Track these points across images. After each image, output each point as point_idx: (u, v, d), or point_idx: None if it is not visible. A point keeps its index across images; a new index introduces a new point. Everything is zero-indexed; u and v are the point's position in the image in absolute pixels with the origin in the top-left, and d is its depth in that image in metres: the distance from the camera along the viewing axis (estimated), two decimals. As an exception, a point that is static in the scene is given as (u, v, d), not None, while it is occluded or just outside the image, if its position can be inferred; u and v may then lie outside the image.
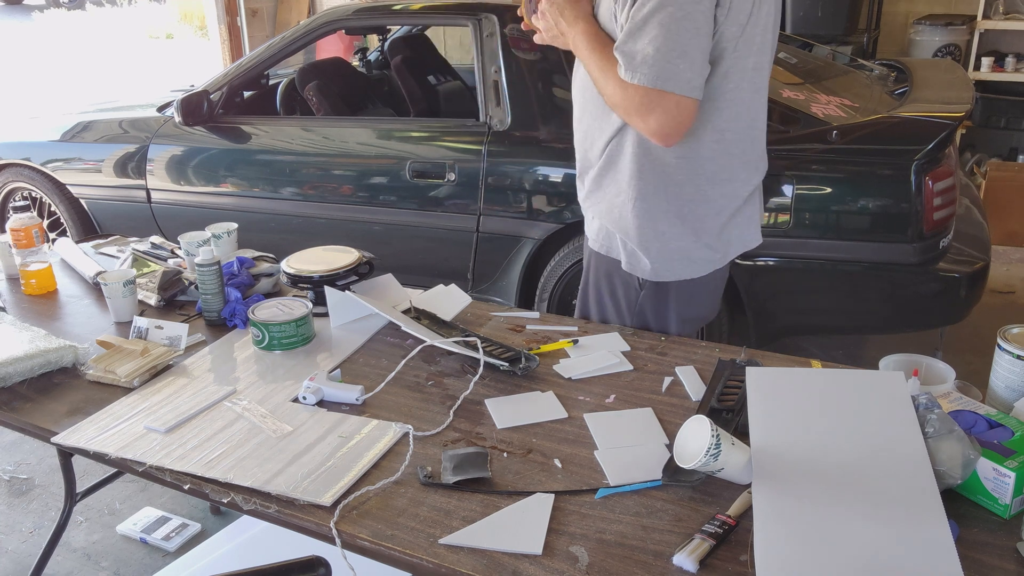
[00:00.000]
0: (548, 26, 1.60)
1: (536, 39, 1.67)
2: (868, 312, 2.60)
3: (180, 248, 2.07)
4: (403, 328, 1.66)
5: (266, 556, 1.29)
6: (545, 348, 1.63)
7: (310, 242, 1.99)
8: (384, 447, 1.32)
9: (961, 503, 1.14)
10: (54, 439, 1.42)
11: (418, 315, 1.75)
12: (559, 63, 2.77)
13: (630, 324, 1.74)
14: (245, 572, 1.17)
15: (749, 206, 1.64)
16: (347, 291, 1.76)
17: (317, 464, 1.29)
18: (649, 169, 1.55)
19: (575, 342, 1.65)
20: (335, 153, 3.08)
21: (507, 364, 1.53)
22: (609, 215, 1.64)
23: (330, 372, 1.54)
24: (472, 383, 1.50)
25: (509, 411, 1.43)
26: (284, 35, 3.22)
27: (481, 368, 1.53)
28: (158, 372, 1.60)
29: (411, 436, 1.34)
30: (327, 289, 1.75)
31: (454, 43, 5.82)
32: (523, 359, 1.55)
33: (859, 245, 2.45)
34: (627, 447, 1.31)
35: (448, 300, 1.83)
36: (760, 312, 2.65)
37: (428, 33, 4.29)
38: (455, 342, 1.61)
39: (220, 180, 3.24)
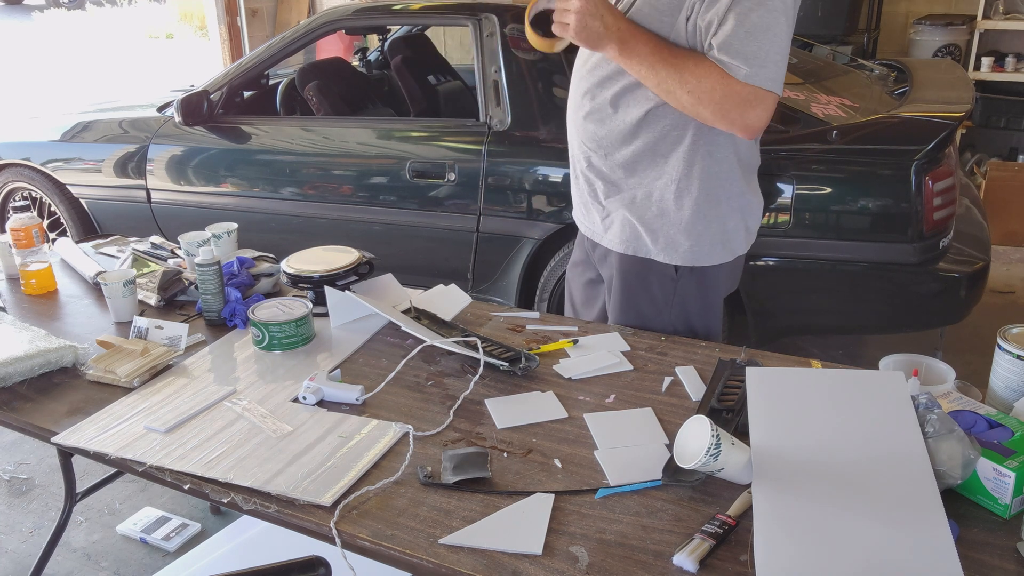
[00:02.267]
0: (583, 10, 1.47)
1: (556, 29, 1.52)
2: (868, 312, 2.60)
3: (180, 248, 2.07)
4: (403, 328, 1.66)
5: (266, 556, 1.29)
6: (545, 348, 1.63)
7: (310, 242, 1.99)
8: (384, 447, 1.32)
9: (961, 503, 1.14)
10: (54, 439, 1.42)
11: (418, 315, 1.75)
12: (559, 63, 2.77)
13: (670, 319, 1.71)
14: (245, 572, 1.17)
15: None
16: (347, 291, 1.76)
17: (317, 464, 1.29)
18: (706, 154, 1.60)
19: (575, 342, 1.65)
20: (335, 153, 3.08)
21: (507, 364, 1.53)
22: (634, 205, 1.64)
23: (330, 372, 1.54)
24: (472, 383, 1.50)
25: (509, 411, 1.43)
26: (284, 35, 3.22)
27: (481, 368, 1.53)
28: (158, 372, 1.60)
29: (411, 436, 1.34)
30: (327, 289, 1.75)
31: (454, 43, 5.82)
32: (523, 359, 1.55)
33: (859, 245, 2.45)
34: (627, 447, 1.31)
35: (448, 300, 1.83)
36: (760, 312, 2.65)
37: (428, 33, 4.29)
38: (455, 342, 1.61)
39: (220, 180, 3.24)
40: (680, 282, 1.69)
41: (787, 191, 2.47)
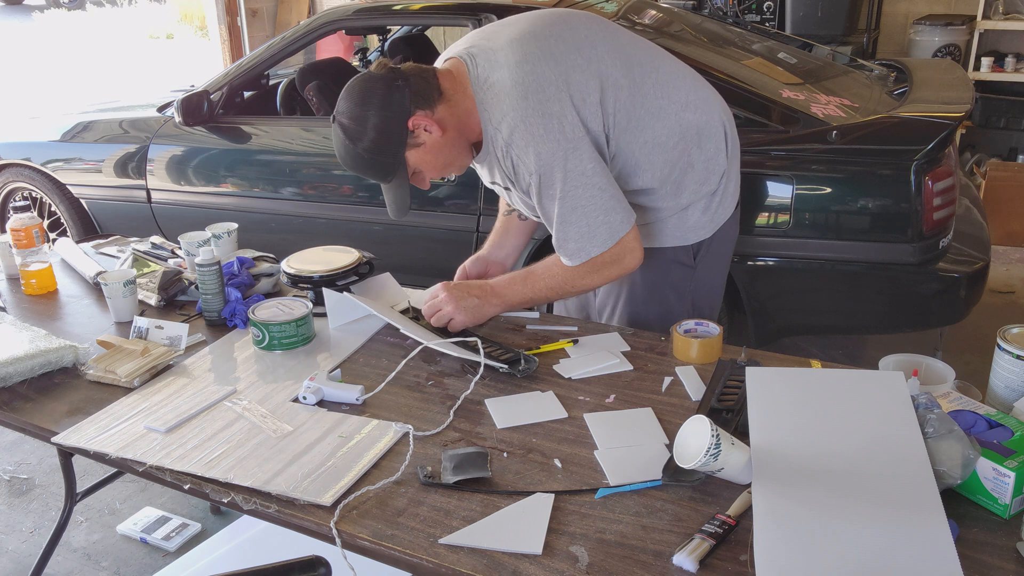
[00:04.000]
0: (456, 314, 1.64)
1: (448, 326, 1.67)
2: (868, 312, 2.60)
3: (180, 248, 2.07)
4: (402, 331, 1.66)
5: (266, 556, 1.29)
6: (545, 348, 1.63)
7: (310, 242, 1.99)
8: (384, 447, 1.33)
9: (961, 503, 1.14)
10: (54, 439, 1.42)
11: (416, 315, 1.75)
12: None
13: (689, 300, 1.79)
14: (245, 572, 1.17)
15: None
16: (345, 292, 1.76)
17: (317, 464, 1.29)
18: (693, 179, 1.71)
19: (575, 342, 1.65)
20: (335, 153, 3.08)
21: (506, 366, 1.53)
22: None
23: (330, 372, 1.54)
24: (472, 383, 1.50)
25: (509, 411, 1.43)
26: (284, 35, 3.22)
27: (481, 369, 1.53)
28: (158, 372, 1.60)
29: (411, 436, 1.34)
30: (325, 291, 1.75)
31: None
32: (522, 360, 1.55)
33: (859, 245, 2.45)
34: (627, 447, 1.31)
35: None
36: (760, 312, 2.65)
37: (428, 33, 4.29)
38: (455, 343, 1.61)
39: (220, 180, 3.24)
40: (698, 258, 1.77)
41: (787, 191, 2.47)
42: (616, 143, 1.61)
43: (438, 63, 1.67)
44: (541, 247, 2.82)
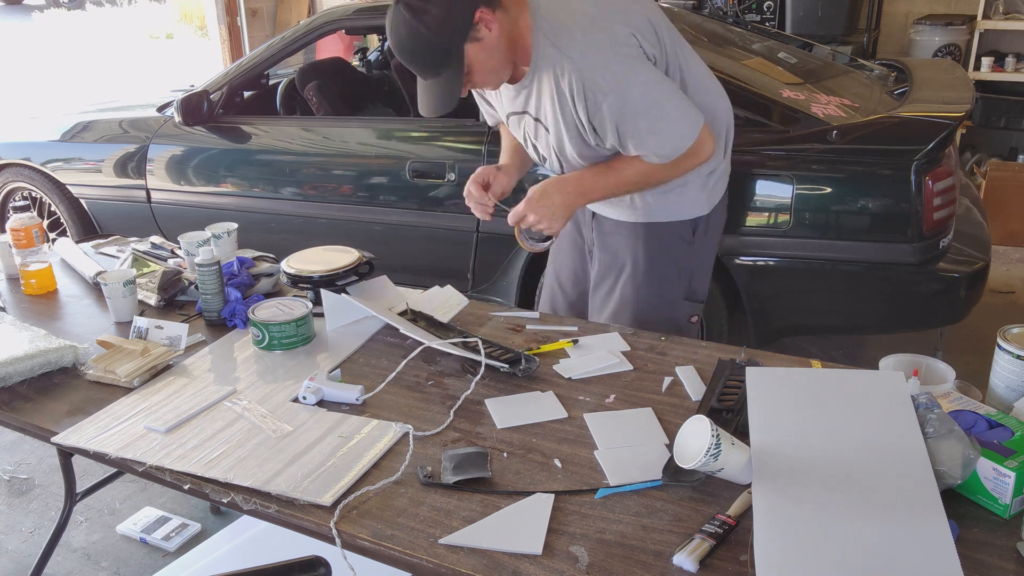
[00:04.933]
0: (538, 210, 1.71)
1: (547, 232, 1.75)
2: (868, 312, 2.60)
3: (180, 248, 2.07)
4: (401, 331, 1.66)
5: (266, 556, 1.29)
6: (545, 348, 1.63)
7: (310, 242, 1.99)
8: (384, 447, 1.32)
9: (961, 503, 1.14)
10: (54, 439, 1.42)
11: (414, 317, 1.75)
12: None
13: (688, 277, 1.88)
14: (245, 572, 1.17)
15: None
16: (343, 293, 1.76)
17: (317, 464, 1.29)
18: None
19: (575, 342, 1.65)
20: (335, 153, 3.08)
21: (507, 366, 1.53)
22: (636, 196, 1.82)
23: (330, 372, 1.54)
24: (473, 383, 1.50)
25: (509, 411, 1.43)
26: (284, 35, 3.22)
27: (482, 369, 1.53)
28: (158, 372, 1.60)
29: (411, 436, 1.34)
30: (323, 292, 1.75)
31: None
32: (523, 360, 1.55)
33: (859, 245, 2.45)
34: (627, 447, 1.31)
35: (445, 302, 1.83)
36: (760, 312, 2.65)
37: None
38: (455, 343, 1.61)
39: (220, 180, 3.24)
40: (697, 233, 1.85)
41: (787, 191, 2.47)
42: None
43: None
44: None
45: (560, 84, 1.61)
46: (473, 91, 1.89)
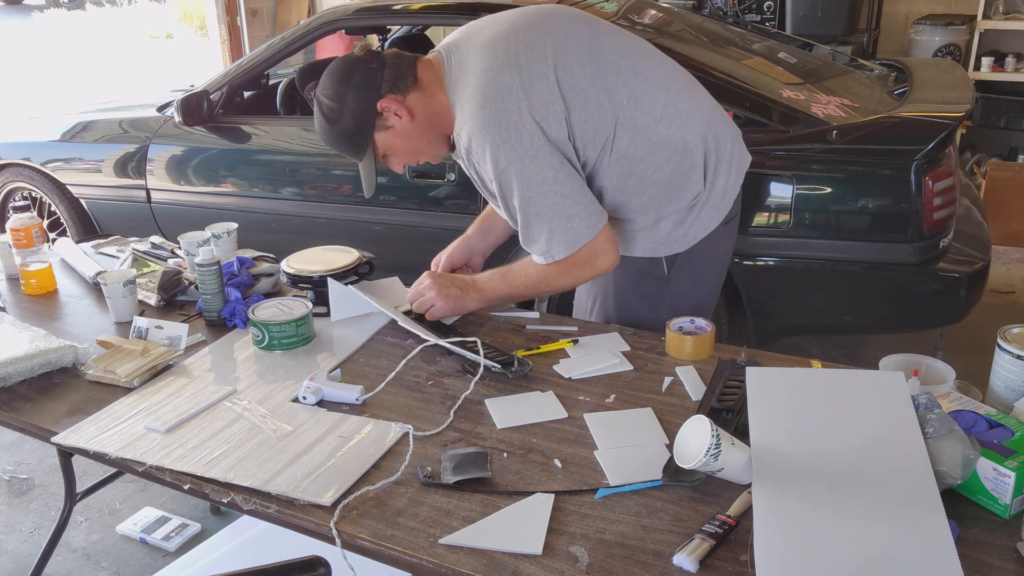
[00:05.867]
0: (438, 300, 1.69)
1: (427, 315, 1.71)
2: (868, 312, 2.60)
3: (180, 248, 2.07)
4: (403, 326, 1.67)
5: (266, 556, 1.29)
6: (545, 348, 1.63)
7: (310, 242, 1.99)
8: (384, 447, 1.32)
9: (961, 503, 1.14)
10: (54, 439, 1.42)
11: (419, 317, 1.75)
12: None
13: (664, 312, 1.70)
14: (245, 572, 1.17)
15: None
16: (349, 285, 1.77)
17: (317, 464, 1.29)
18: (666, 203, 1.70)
19: (575, 342, 1.65)
20: (335, 153, 3.06)
21: (499, 366, 1.53)
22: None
23: (330, 372, 1.54)
24: (473, 383, 1.50)
25: (509, 411, 1.43)
26: (284, 35, 3.22)
27: (481, 369, 1.53)
28: (158, 372, 1.60)
29: (411, 436, 1.34)
30: (330, 282, 1.75)
31: (454, 43, 5.80)
32: (515, 363, 1.54)
33: (859, 245, 2.45)
34: (627, 447, 1.31)
35: None
36: (760, 312, 2.65)
37: (428, 33, 4.28)
38: (455, 342, 1.61)
39: (220, 180, 3.24)
40: (672, 272, 1.75)
41: (787, 191, 2.47)
42: (584, 153, 1.60)
43: (430, 53, 1.70)
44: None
45: (464, 162, 1.64)
46: None
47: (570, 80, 1.54)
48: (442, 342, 1.60)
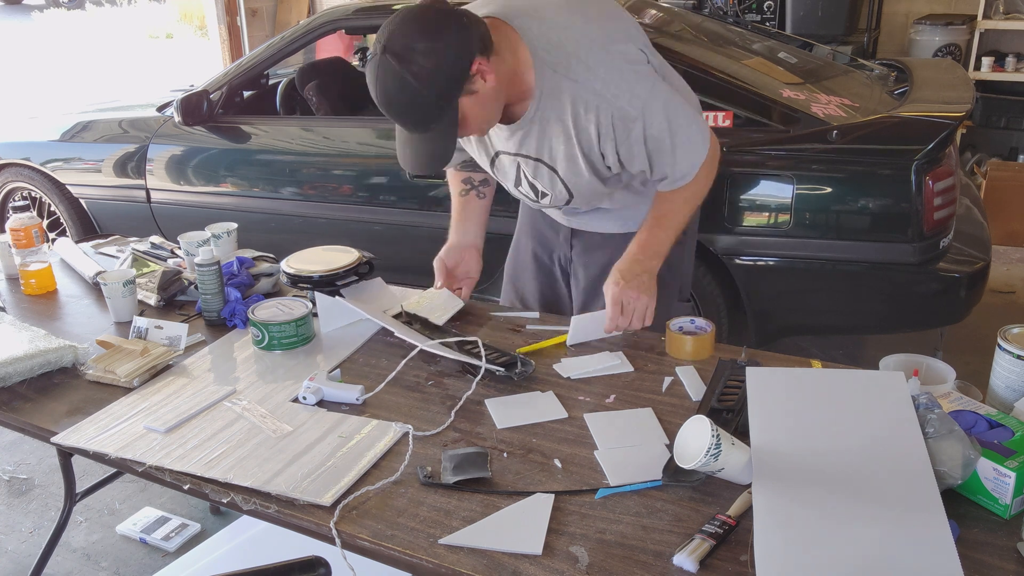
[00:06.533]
0: (645, 298, 1.62)
1: (647, 321, 1.64)
2: (868, 312, 2.60)
3: (180, 248, 2.07)
4: (397, 334, 1.66)
5: (266, 556, 1.29)
6: (540, 345, 1.63)
7: (310, 242, 1.99)
8: (384, 447, 1.32)
9: (961, 503, 1.14)
10: (54, 439, 1.41)
11: (409, 320, 1.75)
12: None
13: (679, 274, 1.86)
14: (245, 572, 1.17)
15: None
16: (337, 296, 1.75)
17: (317, 464, 1.29)
18: None
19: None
20: (335, 153, 3.08)
21: (503, 369, 1.52)
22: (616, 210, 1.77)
23: (330, 372, 1.54)
24: (474, 383, 1.50)
25: (509, 411, 1.43)
26: (284, 35, 3.22)
27: (482, 370, 1.52)
28: (158, 372, 1.60)
29: (411, 436, 1.34)
30: (317, 295, 1.73)
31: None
32: (519, 364, 1.54)
33: (859, 245, 2.45)
34: (627, 447, 1.31)
35: (441, 305, 1.81)
36: (760, 312, 2.65)
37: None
38: (449, 343, 1.60)
39: (220, 180, 3.24)
40: (686, 235, 1.80)
41: (787, 191, 2.47)
42: None
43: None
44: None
45: (580, 119, 1.52)
46: None
47: (641, 32, 1.61)
48: (442, 348, 1.60)
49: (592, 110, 1.50)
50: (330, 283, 1.78)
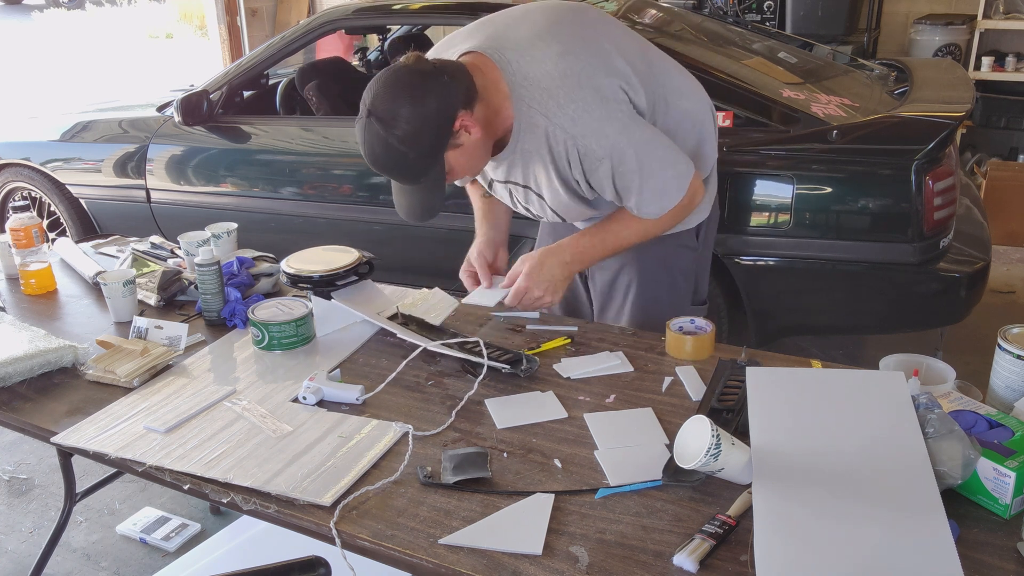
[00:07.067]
0: (549, 296, 1.66)
1: (543, 309, 1.71)
2: (868, 312, 2.60)
3: (180, 248, 2.07)
4: (399, 335, 1.65)
5: (266, 556, 1.29)
6: (546, 347, 1.63)
7: (310, 242, 1.99)
8: (384, 447, 1.32)
9: (961, 503, 1.14)
10: (54, 439, 1.41)
11: (405, 321, 1.74)
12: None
13: (694, 280, 1.87)
14: (245, 572, 1.17)
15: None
16: (329, 298, 1.74)
17: (317, 464, 1.29)
18: None
19: (571, 339, 1.65)
20: (335, 153, 3.08)
21: (508, 367, 1.53)
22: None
23: (330, 372, 1.54)
24: (476, 383, 1.50)
25: (509, 411, 1.43)
26: (284, 35, 3.22)
27: (484, 370, 1.52)
28: (158, 372, 1.60)
29: (411, 436, 1.34)
30: (313, 299, 1.73)
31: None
32: (524, 360, 1.54)
33: (859, 245, 2.45)
34: (627, 447, 1.31)
35: (435, 305, 1.81)
36: (760, 312, 2.65)
37: (428, 33, 4.28)
38: (450, 343, 1.60)
39: (220, 180, 3.24)
40: (700, 240, 1.83)
41: (787, 191, 2.47)
42: (651, 122, 1.63)
43: (442, 54, 1.62)
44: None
45: (555, 149, 1.55)
46: None
47: (627, 56, 1.59)
48: (444, 349, 1.60)
49: (561, 144, 1.54)
50: (330, 283, 1.78)
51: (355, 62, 4.15)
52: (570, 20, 1.62)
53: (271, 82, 3.71)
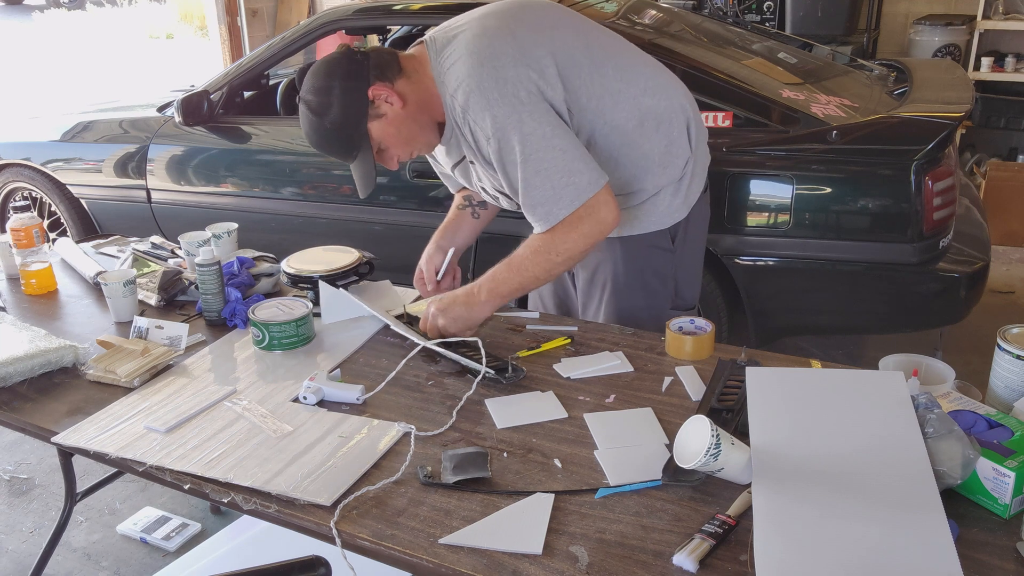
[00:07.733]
0: (463, 328, 1.64)
1: (440, 334, 1.65)
2: (868, 312, 2.60)
3: (180, 248, 2.07)
4: (399, 332, 1.66)
5: (266, 556, 1.29)
6: (546, 347, 1.63)
7: (310, 242, 1.99)
8: (384, 447, 1.33)
9: (961, 503, 1.14)
10: (54, 439, 1.42)
11: (411, 320, 1.75)
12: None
13: (672, 285, 1.81)
14: (245, 572, 1.17)
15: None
16: (340, 289, 1.76)
17: (317, 464, 1.29)
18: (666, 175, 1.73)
19: (571, 339, 1.65)
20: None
21: (493, 372, 1.52)
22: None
23: (330, 372, 1.54)
24: (476, 383, 1.50)
25: (509, 411, 1.43)
26: (284, 35, 3.22)
27: (483, 370, 1.52)
28: (158, 372, 1.60)
29: (412, 436, 1.34)
30: (320, 284, 1.74)
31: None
32: (509, 369, 1.53)
33: (859, 245, 2.45)
34: (627, 447, 1.31)
35: None
36: (760, 312, 2.65)
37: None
38: (449, 343, 1.60)
39: (220, 180, 3.24)
40: (677, 240, 1.78)
41: (787, 191, 2.47)
42: (578, 121, 1.60)
43: (410, 48, 1.70)
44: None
45: (461, 127, 1.58)
46: (431, 162, 1.88)
47: (564, 48, 1.58)
48: (438, 347, 1.60)
49: (459, 117, 1.57)
50: (331, 283, 1.78)
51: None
52: (508, 11, 1.63)
53: (271, 82, 3.71)
